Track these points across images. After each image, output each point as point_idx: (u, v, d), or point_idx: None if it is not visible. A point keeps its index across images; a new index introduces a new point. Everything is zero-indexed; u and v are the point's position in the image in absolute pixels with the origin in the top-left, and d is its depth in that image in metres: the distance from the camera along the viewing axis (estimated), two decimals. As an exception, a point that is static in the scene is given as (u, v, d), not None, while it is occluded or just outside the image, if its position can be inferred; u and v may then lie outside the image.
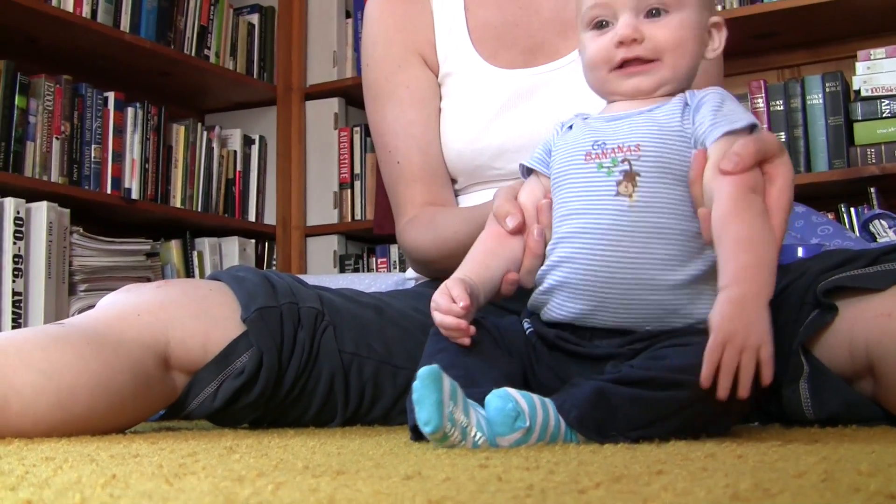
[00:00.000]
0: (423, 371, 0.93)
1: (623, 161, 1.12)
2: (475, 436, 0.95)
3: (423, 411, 0.93)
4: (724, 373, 0.96)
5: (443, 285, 1.14)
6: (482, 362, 1.10)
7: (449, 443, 0.94)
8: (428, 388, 0.92)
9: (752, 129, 1.12)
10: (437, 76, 1.70)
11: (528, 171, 1.28)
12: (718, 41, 1.24)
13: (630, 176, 1.12)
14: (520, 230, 1.21)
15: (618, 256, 1.11)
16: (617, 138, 1.14)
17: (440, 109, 1.69)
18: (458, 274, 1.18)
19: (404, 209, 1.69)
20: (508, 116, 1.60)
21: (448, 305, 1.11)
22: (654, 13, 1.17)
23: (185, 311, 1.37)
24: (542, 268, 1.18)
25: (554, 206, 1.19)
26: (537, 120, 1.57)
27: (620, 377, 1.03)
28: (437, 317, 1.12)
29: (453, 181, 1.70)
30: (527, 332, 1.20)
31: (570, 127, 1.23)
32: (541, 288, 1.18)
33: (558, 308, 1.16)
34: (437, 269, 1.65)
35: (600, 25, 1.20)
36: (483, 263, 1.21)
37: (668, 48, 1.17)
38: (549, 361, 1.16)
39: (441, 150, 1.67)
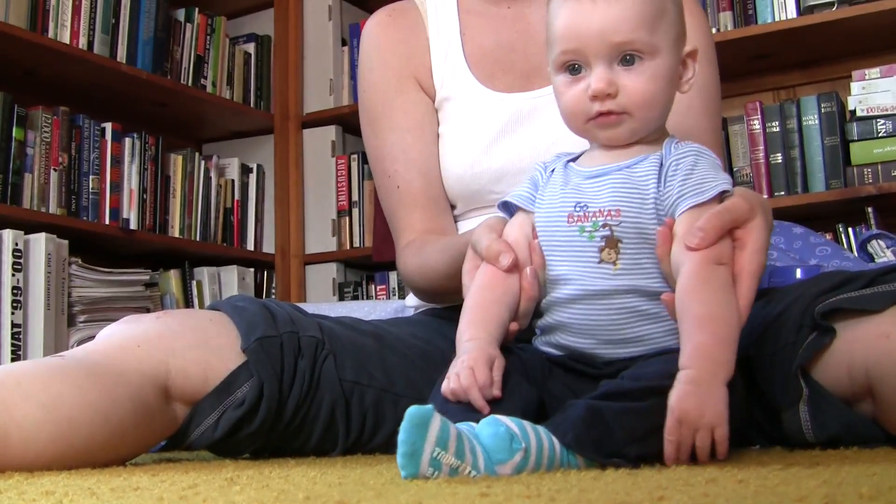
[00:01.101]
0: (411, 413, 0.92)
1: (604, 226, 1.15)
2: (469, 473, 0.94)
3: (401, 457, 0.92)
4: (681, 450, 1.00)
5: (467, 364, 1.09)
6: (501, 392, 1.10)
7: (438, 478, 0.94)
8: (411, 434, 0.92)
9: (722, 195, 1.14)
10: (433, 101, 1.70)
11: (506, 204, 1.30)
12: (692, 71, 1.25)
13: (612, 242, 1.15)
14: (515, 267, 1.20)
15: (611, 318, 1.16)
16: (598, 201, 1.17)
17: (438, 135, 1.69)
18: (476, 346, 1.12)
19: (403, 234, 1.69)
20: (507, 140, 1.60)
21: (470, 385, 1.07)
22: (627, 60, 1.17)
23: (184, 342, 1.37)
24: (540, 323, 1.23)
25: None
26: (536, 143, 1.57)
27: (609, 391, 1.05)
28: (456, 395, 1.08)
29: (452, 207, 1.70)
30: (544, 356, 1.22)
31: (553, 171, 1.25)
32: (541, 340, 1.23)
33: (556, 351, 1.21)
34: (429, 296, 1.66)
35: (573, 69, 1.20)
36: (497, 315, 1.18)
37: (638, 104, 1.17)
38: (564, 379, 1.18)
39: (440, 174, 1.68)
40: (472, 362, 1.08)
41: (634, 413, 1.02)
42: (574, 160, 1.26)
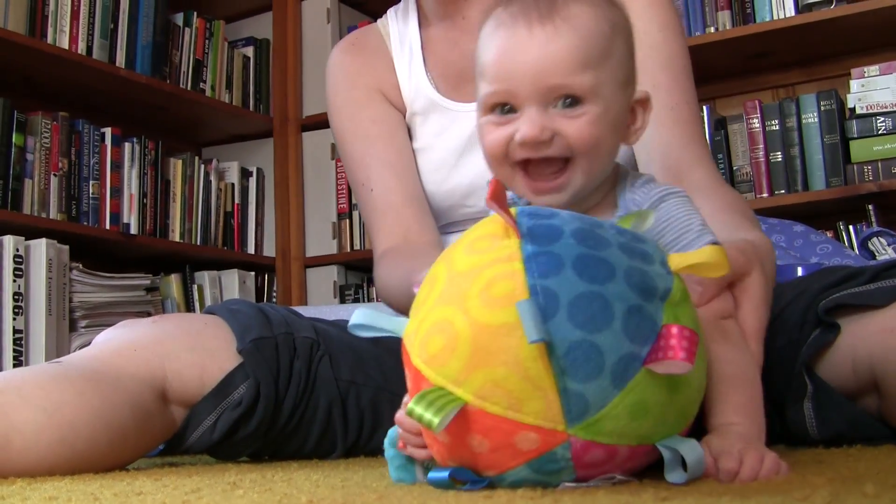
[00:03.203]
0: (390, 435, 0.93)
1: None
2: None
3: (393, 471, 0.92)
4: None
5: None
6: None
7: None
8: (397, 450, 0.92)
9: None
10: (404, 116, 1.68)
11: None
12: (641, 120, 1.10)
13: None
14: None
15: None
16: None
17: (412, 145, 1.67)
18: None
19: (379, 239, 1.62)
20: (475, 153, 1.57)
21: None
22: (566, 103, 1.01)
23: (180, 345, 1.38)
24: None
25: None
26: None
27: None
28: None
29: None
30: None
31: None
32: None
33: None
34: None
35: (502, 109, 1.04)
36: None
37: (582, 149, 1.02)
38: None
39: (417, 176, 1.64)
40: None
41: None
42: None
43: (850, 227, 2.86)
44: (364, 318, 0.91)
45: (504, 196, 0.83)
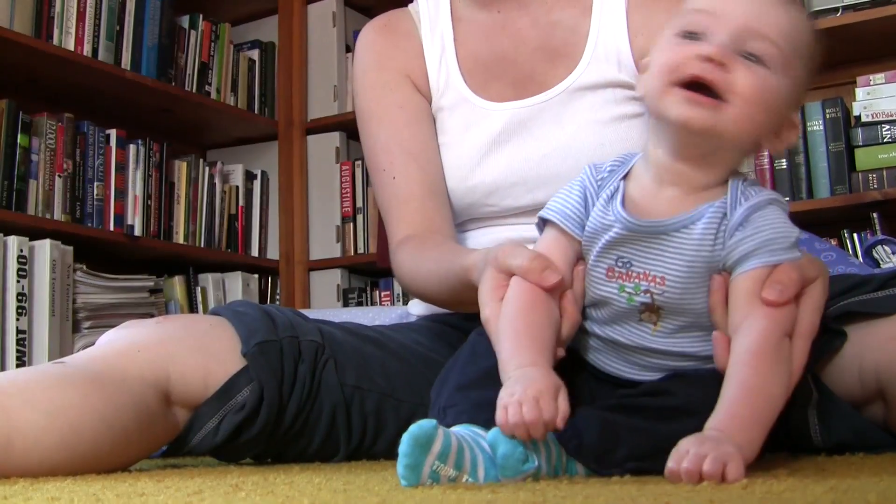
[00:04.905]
0: (414, 432, 0.91)
1: (645, 292, 1.08)
2: (465, 480, 0.94)
3: (402, 468, 0.92)
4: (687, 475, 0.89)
5: (531, 394, 0.95)
6: None
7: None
8: (413, 449, 0.92)
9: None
10: (430, 105, 1.67)
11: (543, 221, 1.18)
12: (784, 140, 1.14)
13: (653, 308, 1.08)
14: (558, 286, 1.09)
15: (645, 366, 1.12)
16: (643, 262, 1.08)
17: (437, 133, 1.65)
18: (541, 374, 0.99)
19: (397, 228, 1.61)
20: (500, 152, 1.57)
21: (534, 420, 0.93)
22: (749, 57, 1.05)
23: (184, 347, 1.37)
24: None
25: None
26: (529, 155, 1.54)
27: (626, 403, 1.03)
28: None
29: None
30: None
31: (601, 187, 1.13)
32: None
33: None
34: (423, 300, 1.62)
35: (691, 36, 1.08)
36: (549, 339, 1.07)
37: (744, 95, 1.04)
38: (584, 374, 1.16)
39: (441, 167, 1.62)
40: (536, 392, 0.95)
41: (647, 433, 0.99)
42: (626, 175, 1.14)
43: (855, 235, 2.86)
44: None
45: None
